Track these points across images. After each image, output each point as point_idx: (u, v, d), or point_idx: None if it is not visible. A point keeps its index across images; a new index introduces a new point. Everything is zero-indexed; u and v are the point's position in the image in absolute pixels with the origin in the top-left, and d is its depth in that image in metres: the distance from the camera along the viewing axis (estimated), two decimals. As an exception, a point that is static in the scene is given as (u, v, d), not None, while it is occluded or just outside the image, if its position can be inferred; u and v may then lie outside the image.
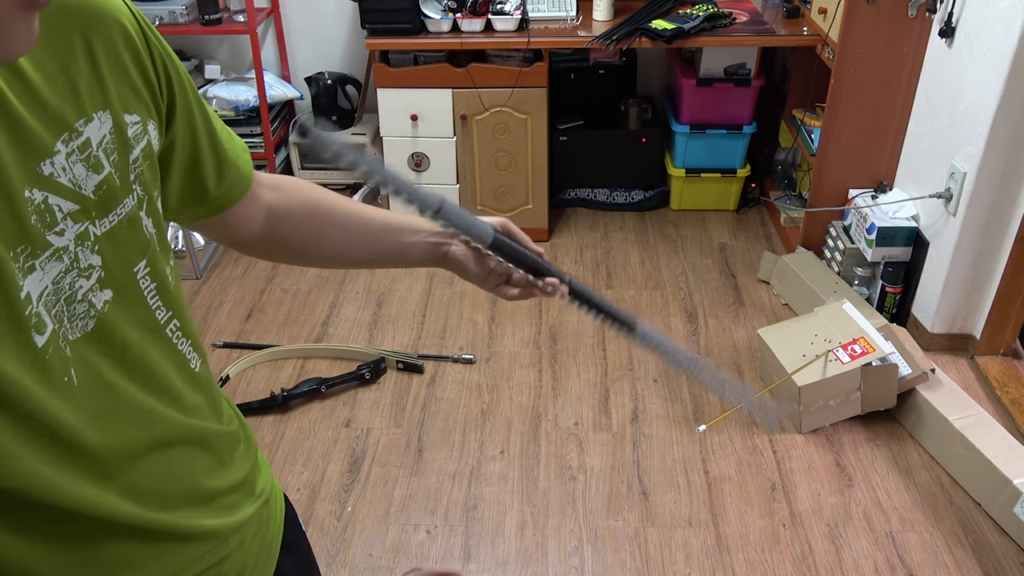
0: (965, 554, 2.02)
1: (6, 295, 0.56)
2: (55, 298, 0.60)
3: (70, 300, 0.61)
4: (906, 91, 2.69)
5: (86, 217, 0.62)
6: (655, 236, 3.34)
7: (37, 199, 0.59)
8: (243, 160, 0.85)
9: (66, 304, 0.61)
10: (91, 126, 0.63)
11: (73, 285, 0.61)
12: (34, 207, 0.58)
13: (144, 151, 0.68)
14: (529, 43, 2.93)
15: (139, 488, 0.68)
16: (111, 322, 0.65)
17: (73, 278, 0.61)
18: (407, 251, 0.97)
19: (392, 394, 2.54)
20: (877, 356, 2.29)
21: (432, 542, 2.07)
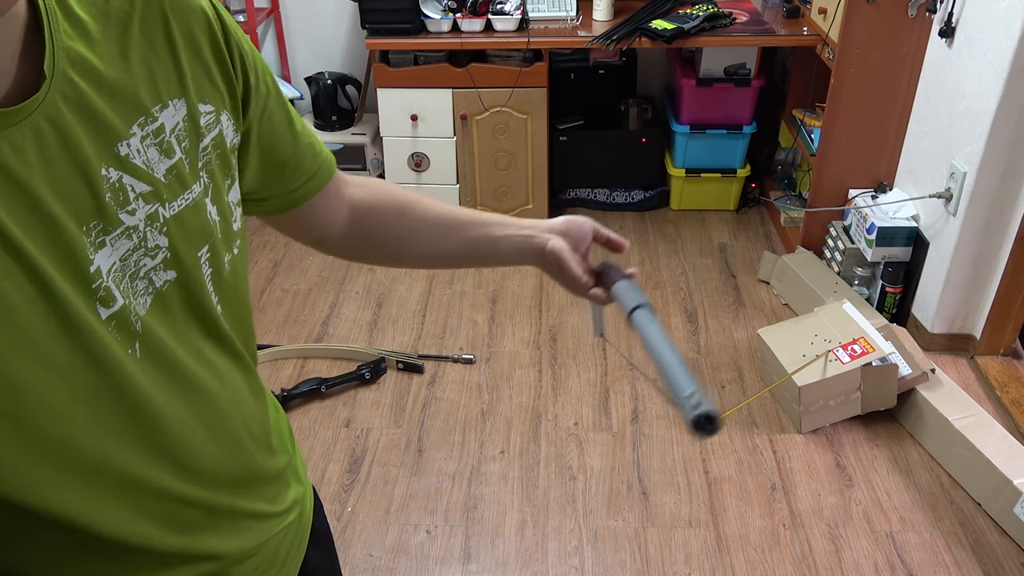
0: (965, 554, 2.02)
1: (76, 267, 0.59)
2: (122, 274, 0.63)
3: (133, 277, 0.64)
4: (906, 91, 2.69)
5: (156, 199, 0.65)
6: (655, 236, 3.34)
7: (113, 178, 0.62)
8: (324, 154, 0.86)
9: (130, 280, 0.64)
10: (166, 112, 0.65)
11: (139, 263, 0.64)
12: (109, 185, 0.61)
13: (215, 140, 0.70)
14: (529, 43, 2.93)
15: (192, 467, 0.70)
16: (169, 301, 0.67)
17: (140, 256, 0.64)
18: (499, 244, 0.97)
19: (392, 394, 2.54)
20: (877, 356, 2.29)
21: (432, 542, 2.07)
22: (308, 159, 0.84)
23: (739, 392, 2.52)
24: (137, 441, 0.65)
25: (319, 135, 3.53)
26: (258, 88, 0.75)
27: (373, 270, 3.15)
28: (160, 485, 0.68)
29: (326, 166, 0.86)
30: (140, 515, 0.68)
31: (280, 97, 0.79)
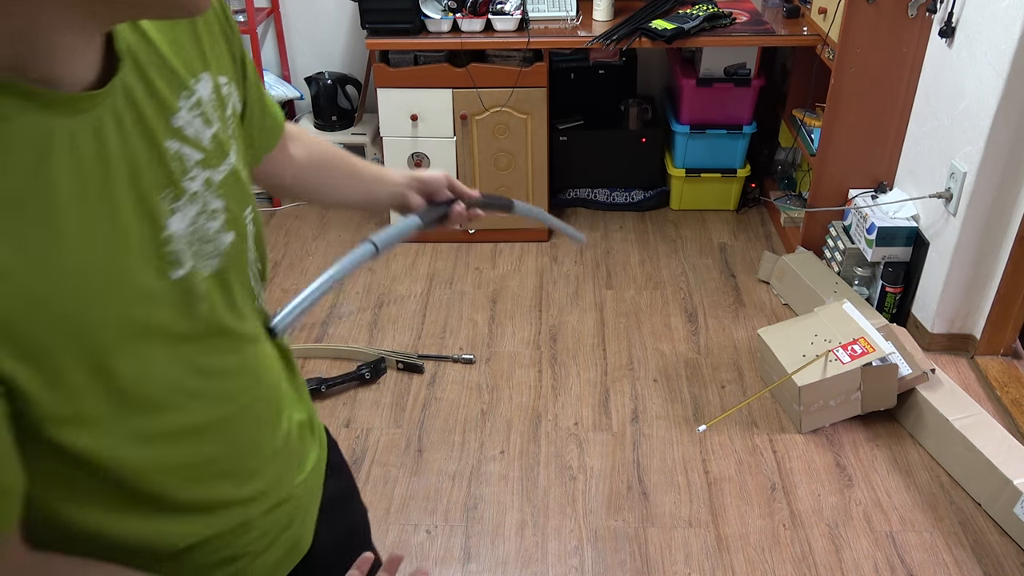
0: (965, 554, 2.02)
1: (154, 234, 0.64)
2: (192, 237, 0.67)
3: (203, 240, 0.69)
4: (906, 91, 2.69)
5: (207, 165, 0.69)
6: (655, 236, 3.34)
7: (174, 148, 0.66)
8: (278, 112, 0.94)
9: (201, 243, 0.68)
10: (200, 85, 0.70)
11: (205, 226, 0.69)
12: (172, 155, 0.66)
13: (234, 109, 0.76)
14: (529, 43, 2.93)
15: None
16: (228, 262, 0.72)
17: (205, 220, 0.69)
18: (380, 194, 1.12)
19: (392, 394, 2.54)
20: (877, 356, 2.29)
21: (432, 542, 2.07)
22: (271, 118, 0.91)
23: (739, 392, 2.52)
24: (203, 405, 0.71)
25: (320, 135, 3.54)
26: (248, 60, 0.81)
27: (373, 270, 3.15)
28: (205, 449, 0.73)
29: (281, 122, 0.94)
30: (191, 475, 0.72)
31: (253, 64, 0.85)
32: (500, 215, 1.33)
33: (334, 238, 3.36)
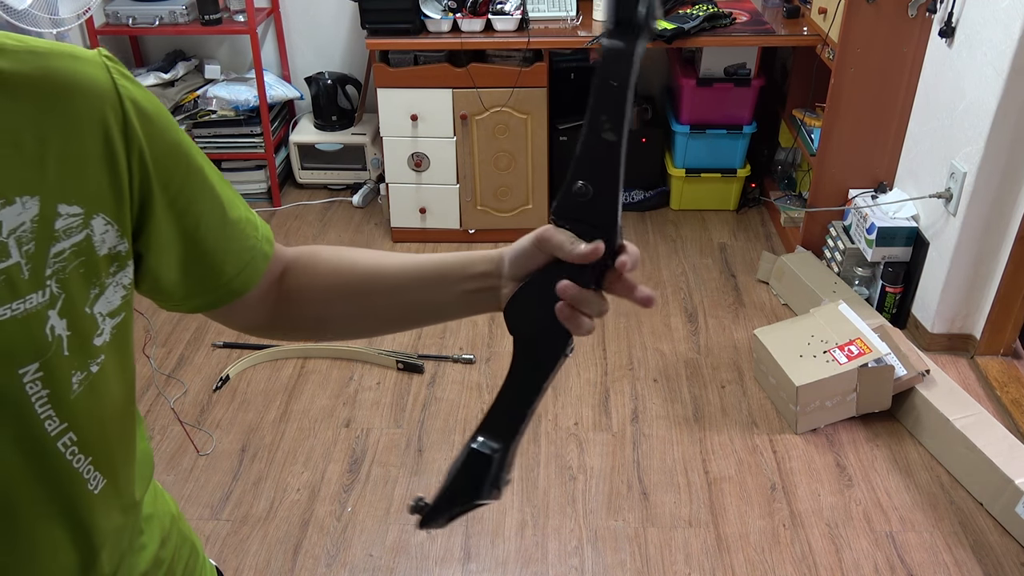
0: (965, 554, 2.02)
1: None
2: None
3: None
4: (906, 91, 2.69)
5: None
6: (655, 236, 3.34)
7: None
8: (260, 249, 0.77)
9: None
10: (8, 210, 0.57)
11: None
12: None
13: (77, 247, 0.61)
14: (529, 43, 2.93)
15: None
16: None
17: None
18: (442, 308, 0.79)
19: (392, 394, 2.54)
20: (874, 357, 2.29)
21: (432, 542, 2.07)
22: (233, 257, 0.74)
23: (739, 392, 2.52)
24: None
25: (319, 135, 3.54)
26: (173, 188, 0.67)
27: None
28: None
29: (253, 266, 0.76)
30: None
31: (214, 194, 0.71)
32: None
33: (334, 238, 3.36)
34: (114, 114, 0.62)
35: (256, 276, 0.76)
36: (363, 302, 0.80)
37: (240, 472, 2.27)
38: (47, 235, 0.59)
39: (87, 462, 0.66)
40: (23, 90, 0.58)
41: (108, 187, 0.62)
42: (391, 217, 3.29)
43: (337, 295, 0.80)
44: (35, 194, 0.58)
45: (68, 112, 0.60)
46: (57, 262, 0.60)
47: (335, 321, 0.83)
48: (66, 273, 0.61)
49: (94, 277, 0.63)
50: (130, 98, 0.63)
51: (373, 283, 0.80)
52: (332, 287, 0.80)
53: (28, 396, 0.60)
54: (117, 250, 0.64)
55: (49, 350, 0.60)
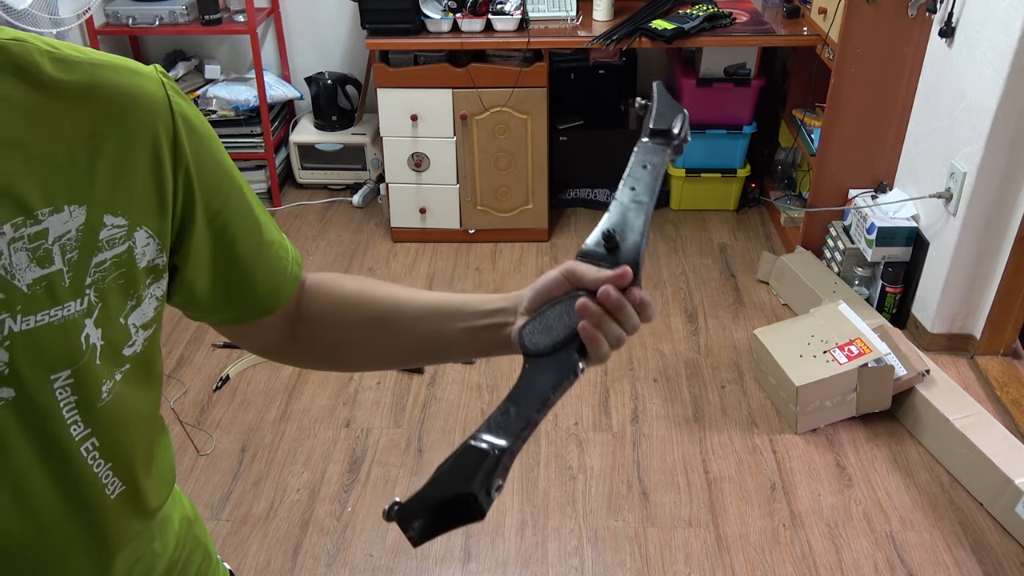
0: (965, 554, 2.02)
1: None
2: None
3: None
4: (906, 91, 2.69)
5: (6, 309, 0.57)
6: (655, 236, 3.34)
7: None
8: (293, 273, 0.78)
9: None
10: (56, 218, 0.58)
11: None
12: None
13: (119, 258, 0.62)
14: (529, 43, 2.93)
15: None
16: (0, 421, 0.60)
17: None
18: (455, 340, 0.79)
19: (392, 394, 2.54)
20: (874, 357, 2.29)
21: (432, 542, 2.06)
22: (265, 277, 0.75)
23: (739, 392, 2.52)
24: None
25: (319, 135, 3.54)
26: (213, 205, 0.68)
27: (373, 269, 3.15)
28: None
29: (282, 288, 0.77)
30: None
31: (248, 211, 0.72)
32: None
33: (334, 237, 3.36)
34: (165, 130, 0.63)
35: (285, 297, 0.78)
36: (380, 332, 0.81)
37: (240, 472, 2.27)
38: (91, 244, 0.60)
39: (106, 467, 0.67)
40: (81, 101, 0.59)
41: (153, 201, 0.63)
42: (391, 217, 3.29)
43: (356, 322, 0.81)
44: (83, 203, 0.59)
45: (123, 124, 0.61)
46: (98, 272, 0.61)
47: (350, 349, 0.83)
48: (105, 283, 0.62)
49: (132, 289, 0.64)
50: (182, 115, 0.65)
51: (392, 313, 0.80)
52: (352, 314, 0.81)
53: (57, 401, 0.61)
54: (155, 263, 0.65)
55: (82, 358, 0.61)
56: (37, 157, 0.57)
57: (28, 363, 0.59)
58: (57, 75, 0.58)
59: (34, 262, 0.58)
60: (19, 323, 0.58)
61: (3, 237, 0.56)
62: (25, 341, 0.58)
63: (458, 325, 0.78)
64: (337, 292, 0.82)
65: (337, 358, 0.85)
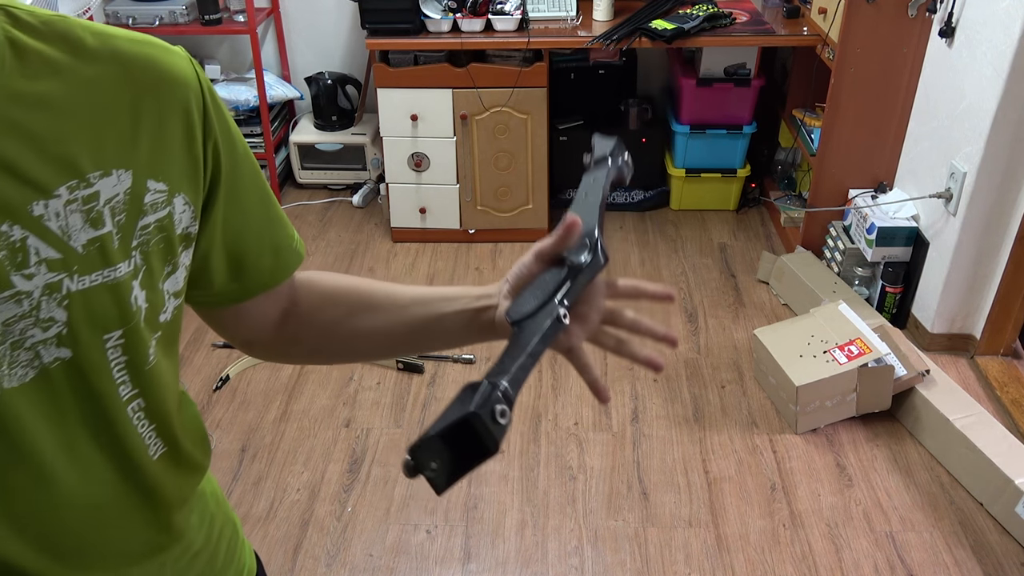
0: (965, 554, 2.02)
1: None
2: (1, 338, 0.57)
3: (16, 345, 0.58)
4: (906, 91, 2.69)
5: (64, 269, 0.59)
6: (655, 236, 3.34)
7: (15, 236, 0.56)
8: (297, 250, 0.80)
9: (11, 348, 0.58)
10: (105, 181, 0.61)
11: (25, 332, 0.58)
12: (7, 243, 0.56)
13: (160, 222, 0.65)
14: (529, 43, 2.93)
15: (55, 547, 0.65)
16: (55, 380, 0.61)
17: (28, 325, 0.58)
18: (443, 322, 0.81)
19: (392, 394, 2.54)
20: (874, 357, 2.29)
21: (432, 542, 2.07)
22: (271, 249, 0.77)
23: (739, 392, 2.52)
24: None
25: (319, 135, 3.54)
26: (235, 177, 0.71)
27: (373, 269, 3.15)
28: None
29: (288, 261, 0.80)
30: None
31: (260, 185, 0.75)
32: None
33: (334, 237, 3.36)
34: (196, 103, 0.67)
35: (287, 272, 0.80)
36: (371, 317, 0.83)
37: (240, 472, 2.27)
38: (137, 208, 0.63)
39: (150, 428, 0.69)
40: (121, 72, 0.62)
41: (188, 169, 0.67)
42: (391, 217, 3.29)
43: (347, 308, 0.84)
44: (128, 168, 0.62)
45: (159, 96, 0.64)
46: (143, 235, 0.64)
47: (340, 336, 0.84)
48: (149, 247, 0.64)
49: (169, 255, 0.67)
50: (209, 91, 0.69)
51: (382, 299, 0.84)
52: (343, 300, 0.84)
53: (108, 362, 0.64)
54: (188, 231, 0.68)
55: (133, 319, 0.64)
56: (86, 123, 0.60)
57: (84, 323, 0.61)
58: (98, 47, 0.61)
59: (88, 223, 0.60)
60: (76, 283, 0.60)
61: (59, 199, 0.58)
62: (81, 301, 0.60)
63: (446, 308, 0.81)
64: (328, 282, 0.85)
65: (327, 346, 0.86)
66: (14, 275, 0.57)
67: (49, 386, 0.61)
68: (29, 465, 0.61)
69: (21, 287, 0.57)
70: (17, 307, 0.57)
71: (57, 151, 0.58)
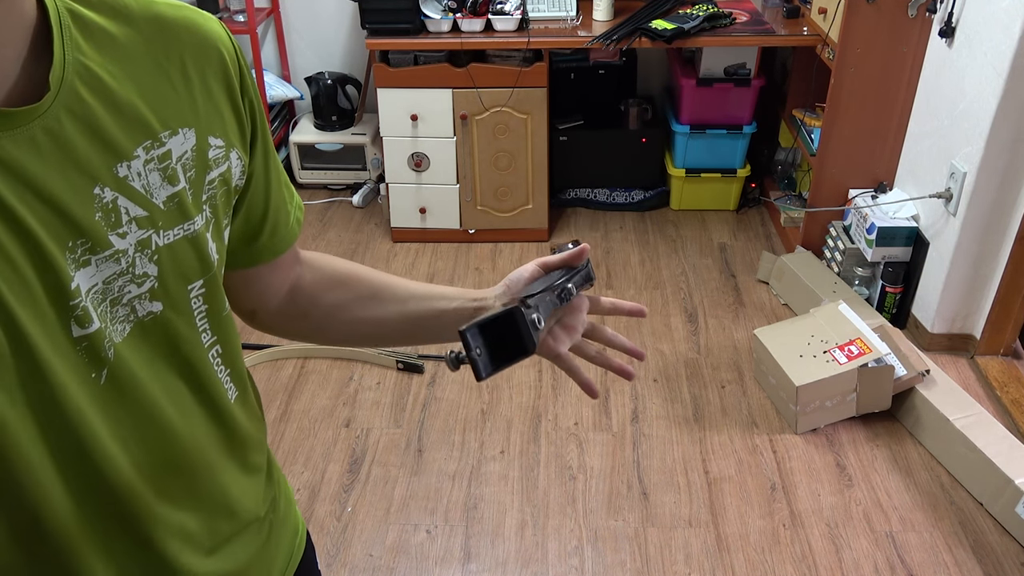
0: (965, 554, 2.02)
1: (54, 283, 0.57)
2: (103, 297, 0.61)
3: (116, 302, 0.62)
4: (906, 91, 2.69)
5: (151, 225, 0.63)
6: (655, 236, 3.34)
7: (107, 198, 0.60)
8: (297, 217, 0.84)
9: (111, 305, 0.61)
10: (175, 140, 0.64)
11: (123, 289, 0.62)
12: (101, 205, 0.60)
13: (223, 176, 0.69)
14: (529, 43, 2.93)
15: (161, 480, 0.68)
16: (150, 332, 0.65)
17: (125, 282, 0.62)
18: (442, 317, 0.87)
19: (392, 394, 2.54)
20: (874, 357, 2.29)
21: (432, 542, 2.07)
22: (283, 221, 0.81)
23: (739, 392, 2.52)
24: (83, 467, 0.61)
25: (319, 135, 3.54)
26: (264, 138, 0.75)
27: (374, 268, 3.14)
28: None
29: (294, 231, 0.83)
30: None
31: (275, 156, 0.78)
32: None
33: (334, 237, 3.36)
34: (232, 64, 0.70)
35: (293, 236, 0.83)
36: (372, 306, 0.89)
37: (240, 472, 2.27)
38: (203, 163, 0.67)
39: (226, 373, 0.74)
40: (167, 35, 0.65)
41: (236, 127, 0.71)
42: (391, 217, 3.29)
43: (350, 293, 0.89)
44: (191, 127, 0.66)
45: (203, 57, 0.68)
46: (210, 189, 0.68)
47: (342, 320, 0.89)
48: (216, 200, 0.69)
49: (227, 207, 0.71)
50: (240, 53, 0.72)
51: (383, 290, 0.89)
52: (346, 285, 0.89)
53: (192, 311, 0.68)
54: (237, 184, 0.72)
55: (211, 268, 0.69)
56: (148, 86, 0.63)
57: (172, 275, 0.65)
58: (143, 12, 0.64)
59: (165, 180, 0.64)
60: (162, 238, 0.64)
61: (138, 159, 0.62)
62: (168, 255, 0.64)
63: (445, 306, 0.87)
64: (339, 266, 0.90)
65: (331, 326, 0.90)
66: (111, 235, 0.60)
67: (146, 338, 0.65)
68: (139, 412, 0.65)
69: (118, 246, 0.61)
70: (116, 265, 0.61)
71: (130, 114, 0.61)
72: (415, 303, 0.88)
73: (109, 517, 0.64)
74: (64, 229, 0.58)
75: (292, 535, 0.90)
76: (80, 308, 0.59)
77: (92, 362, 0.60)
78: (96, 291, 0.60)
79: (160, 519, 0.67)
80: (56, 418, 0.59)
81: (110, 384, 0.62)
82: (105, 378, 0.61)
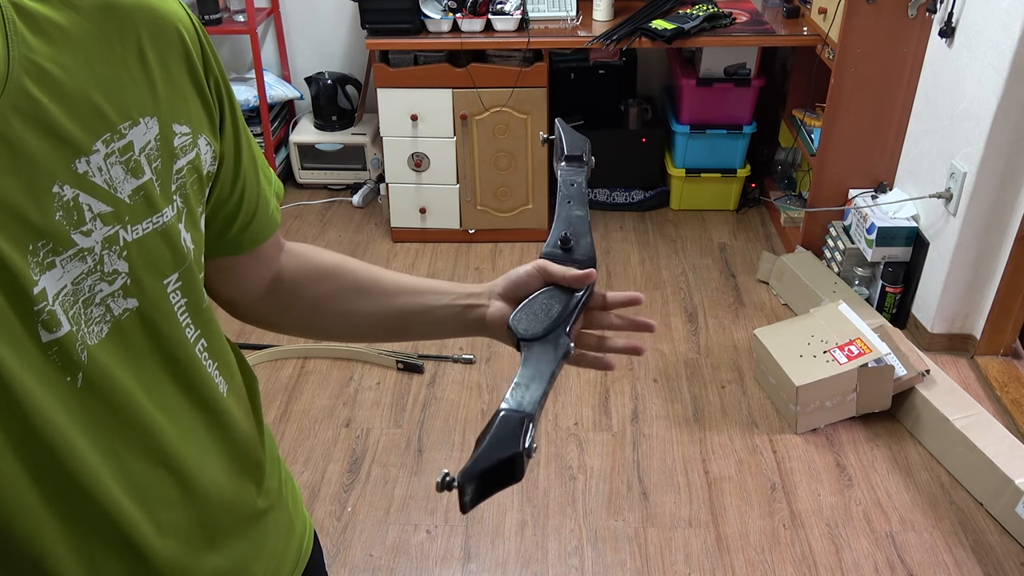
0: (965, 554, 2.02)
1: (14, 288, 0.55)
2: (73, 299, 0.59)
3: (88, 303, 0.60)
4: (906, 91, 2.69)
5: (117, 220, 0.61)
6: (655, 236, 3.34)
7: (67, 196, 0.58)
8: (275, 205, 0.81)
9: (83, 307, 0.59)
10: (136, 130, 0.62)
11: (94, 288, 0.60)
12: (61, 203, 0.57)
13: (192, 164, 0.66)
14: (529, 43, 2.93)
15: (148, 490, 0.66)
16: (128, 331, 0.63)
17: (95, 281, 0.60)
18: (432, 313, 0.85)
19: (392, 394, 2.54)
20: (874, 357, 2.29)
21: (432, 542, 2.07)
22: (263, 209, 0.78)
23: (739, 392, 2.52)
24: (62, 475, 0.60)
25: (319, 135, 3.55)
26: (233, 120, 0.72)
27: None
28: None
29: (275, 219, 0.81)
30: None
31: (250, 138, 0.76)
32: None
33: (334, 238, 3.36)
34: (194, 45, 0.67)
35: (274, 225, 0.81)
36: (359, 300, 0.86)
37: (240, 472, 2.27)
38: (169, 152, 0.64)
39: (215, 367, 0.72)
40: (122, 20, 0.62)
41: (202, 111, 0.68)
42: (391, 217, 3.29)
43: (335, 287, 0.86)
44: (153, 115, 0.63)
45: (162, 40, 0.64)
46: (179, 178, 0.65)
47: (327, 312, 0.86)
48: (187, 189, 0.66)
49: (200, 195, 0.69)
50: (202, 31, 0.69)
51: (370, 283, 0.86)
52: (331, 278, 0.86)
53: (172, 306, 0.66)
54: (209, 171, 0.69)
55: (186, 260, 0.66)
56: (103, 76, 0.60)
57: (145, 270, 0.63)
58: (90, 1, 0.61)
59: (129, 173, 0.61)
60: (130, 233, 0.61)
61: (98, 154, 0.59)
62: (138, 249, 0.62)
63: (435, 302, 0.85)
64: (324, 258, 0.87)
65: (316, 319, 0.87)
66: (74, 233, 0.58)
67: (124, 338, 0.63)
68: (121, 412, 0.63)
69: (83, 244, 0.59)
70: (83, 264, 0.59)
71: (85, 107, 0.59)
72: (403, 298, 0.85)
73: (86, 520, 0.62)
74: (22, 232, 0.55)
75: (300, 534, 0.89)
76: (46, 312, 0.57)
77: (66, 366, 0.58)
78: (66, 293, 0.58)
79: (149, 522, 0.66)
80: (24, 426, 0.57)
81: (87, 387, 0.60)
82: (82, 382, 0.60)
